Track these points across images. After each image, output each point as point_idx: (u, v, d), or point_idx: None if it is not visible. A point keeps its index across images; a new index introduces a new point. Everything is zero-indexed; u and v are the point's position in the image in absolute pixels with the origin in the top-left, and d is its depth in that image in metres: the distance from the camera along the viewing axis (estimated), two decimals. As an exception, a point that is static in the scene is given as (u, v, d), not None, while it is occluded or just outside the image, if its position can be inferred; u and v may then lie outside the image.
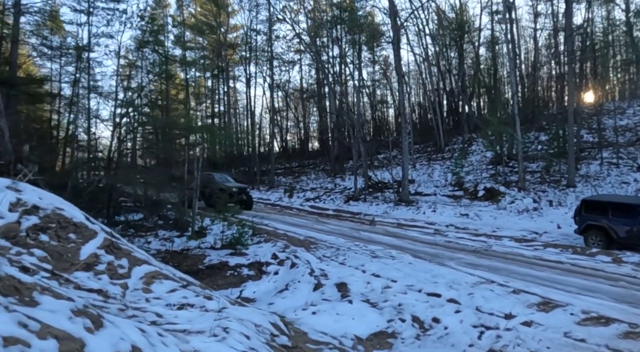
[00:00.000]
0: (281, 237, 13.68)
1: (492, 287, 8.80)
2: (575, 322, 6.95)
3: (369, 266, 10.24)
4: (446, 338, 6.59)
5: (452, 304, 7.73)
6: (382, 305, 7.79)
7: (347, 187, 27.93)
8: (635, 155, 23.99)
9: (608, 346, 6.05)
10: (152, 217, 16.01)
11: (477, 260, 11.41)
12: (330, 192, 27.12)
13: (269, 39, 32.84)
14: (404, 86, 21.32)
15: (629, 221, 12.45)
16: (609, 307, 7.71)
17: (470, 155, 31.71)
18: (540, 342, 6.17)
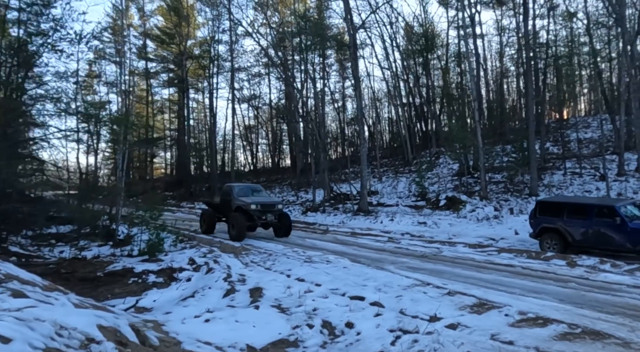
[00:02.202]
0: (214, 244, 12.54)
1: (426, 289, 7.86)
2: (508, 324, 6.02)
3: (296, 270, 9.21)
4: (356, 345, 5.55)
5: (375, 308, 6.72)
6: (293, 310, 6.72)
7: (309, 200, 26.95)
8: (598, 166, 23.72)
9: (538, 348, 5.11)
10: (83, 228, 14.66)
11: (421, 264, 10.48)
12: (290, 204, 26.07)
13: (230, 50, 32.14)
14: (361, 91, 20.74)
15: (584, 223, 11.72)
16: (552, 308, 6.82)
17: (437, 167, 31.27)
18: (461, 346, 5.18)
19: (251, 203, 14.53)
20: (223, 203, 15.71)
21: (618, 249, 11.15)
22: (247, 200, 14.77)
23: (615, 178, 21.57)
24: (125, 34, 33.13)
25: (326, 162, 24.91)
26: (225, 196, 15.72)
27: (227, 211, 15.32)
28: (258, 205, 14.53)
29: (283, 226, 14.98)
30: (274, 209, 14.98)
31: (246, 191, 16.01)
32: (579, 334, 5.62)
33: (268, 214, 14.61)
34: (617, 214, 11.07)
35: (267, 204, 14.94)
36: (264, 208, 14.64)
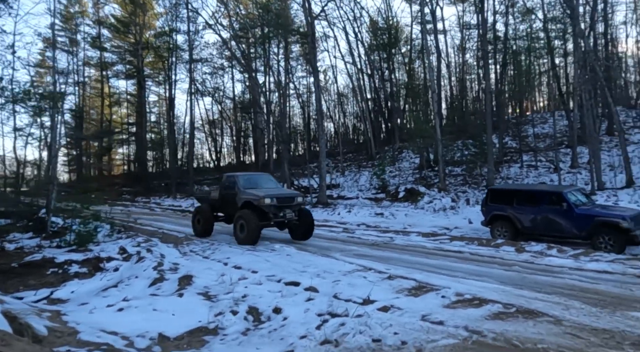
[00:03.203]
0: (157, 235, 11.92)
1: (367, 274, 7.56)
2: (443, 305, 5.77)
3: (235, 258, 8.77)
4: (280, 330, 5.15)
5: (308, 293, 6.35)
6: (221, 297, 6.28)
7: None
8: (553, 159, 24.21)
9: (467, 327, 4.85)
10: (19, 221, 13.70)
11: (370, 251, 10.24)
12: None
13: (189, 41, 31.18)
14: (319, 81, 20.37)
15: (533, 210, 11.73)
16: (491, 289, 6.62)
17: (399, 162, 31.32)
18: (389, 328, 4.87)
19: (265, 197, 11.09)
20: (224, 198, 12.46)
21: (565, 235, 11.19)
22: (258, 193, 11.40)
23: (569, 170, 22.05)
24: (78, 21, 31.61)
25: (288, 155, 24.46)
26: (227, 188, 12.43)
27: (230, 207, 12.18)
28: (274, 199, 11.19)
29: (303, 225, 11.76)
30: (293, 204, 11.67)
31: (254, 181, 12.78)
32: (513, 313, 5.41)
33: (286, 209, 11.43)
34: (565, 200, 11.11)
35: (284, 197, 11.64)
36: (281, 203, 11.35)
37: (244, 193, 11.76)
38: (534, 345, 4.34)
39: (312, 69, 20.14)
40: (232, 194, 12.13)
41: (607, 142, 25.19)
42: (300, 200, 12.02)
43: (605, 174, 19.37)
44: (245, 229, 10.94)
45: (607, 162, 21.25)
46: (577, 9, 20.09)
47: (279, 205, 11.36)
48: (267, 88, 33.71)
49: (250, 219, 10.92)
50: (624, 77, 34.62)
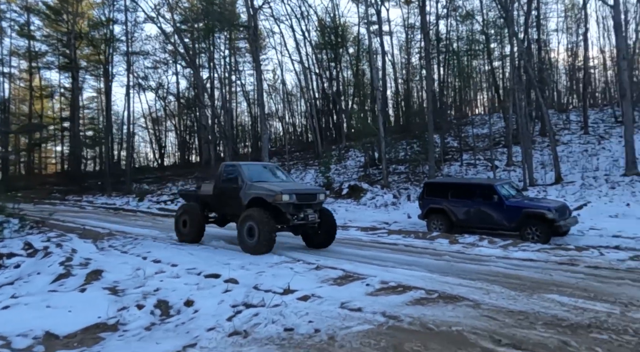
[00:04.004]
0: (77, 231, 11.05)
1: (294, 265, 7.30)
2: (366, 293, 5.57)
3: (157, 252, 8.23)
4: (188, 324, 4.73)
5: (227, 284, 5.95)
6: (130, 292, 5.75)
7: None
8: (490, 157, 25.11)
9: (385, 312, 4.67)
10: None
11: (303, 244, 9.90)
12: (190, 196, 24.61)
13: (126, 32, 29.64)
14: (261, 75, 19.93)
15: (467, 203, 11.94)
16: (417, 277, 6.54)
17: (345, 160, 31.45)
18: (304, 317, 4.59)
19: (281, 192, 8.63)
20: (223, 193, 9.78)
21: (497, 227, 11.47)
22: (273, 187, 8.87)
23: (505, 168, 22.90)
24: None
25: (231, 153, 23.81)
26: (226, 182, 9.71)
27: (229, 205, 9.67)
28: (293, 195, 8.76)
29: (325, 227, 9.42)
30: (315, 202, 9.30)
31: (262, 172, 10.21)
32: (434, 299, 5.30)
33: (307, 209, 9.08)
34: (496, 193, 11.37)
35: (305, 193, 9.22)
36: (301, 200, 8.92)
37: (251, 187, 9.08)
38: (448, 328, 4.20)
39: (255, 63, 19.69)
40: (233, 189, 9.35)
41: (540, 143, 26.42)
42: (322, 197, 9.54)
43: (537, 172, 20.25)
44: (256, 234, 8.37)
45: (539, 160, 22.25)
46: (511, 12, 20.92)
47: (298, 203, 8.86)
48: (211, 84, 32.78)
49: (264, 221, 8.33)
50: (555, 80, 36.61)
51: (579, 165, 20.07)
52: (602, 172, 18.20)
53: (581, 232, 11.61)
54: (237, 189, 9.33)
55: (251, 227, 8.55)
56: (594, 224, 12.29)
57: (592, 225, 12.27)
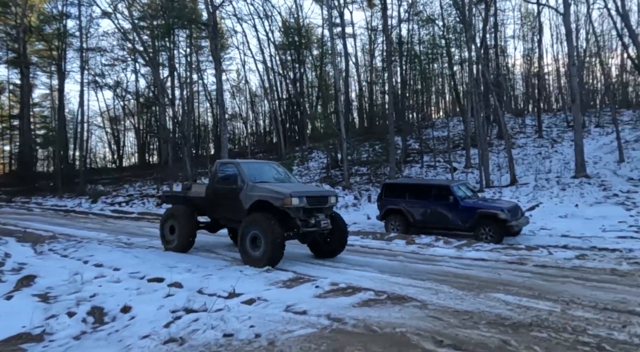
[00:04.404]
0: (16, 234, 10.40)
1: (243, 268, 7.10)
2: (314, 295, 5.45)
3: (100, 256, 7.82)
4: (122, 331, 4.45)
5: (171, 288, 5.69)
6: (63, 298, 5.39)
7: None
8: (449, 160, 25.62)
9: (330, 315, 4.55)
10: None
11: None
12: (147, 197, 23.81)
13: (80, 27, 28.37)
14: (221, 73, 19.53)
15: (423, 203, 12.05)
16: (368, 278, 6.54)
17: (309, 161, 31.36)
18: (246, 321, 4.40)
19: (291, 194, 7.51)
20: (218, 195, 8.59)
21: (452, 227, 11.61)
22: (280, 189, 7.74)
23: (463, 170, 23.39)
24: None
25: (190, 153, 23.22)
26: (222, 182, 8.50)
27: (226, 209, 8.51)
28: (303, 198, 7.67)
29: (337, 234, 8.40)
30: (326, 206, 8.25)
31: (263, 171, 8.93)
32: (382, 300, 5.23)
33: (318, 214, 8.00)
34: (451, 194, 11.51)
35: (316, 196, 8.10)
36: (312, 204, 7.84)
37: (254, 189, 7.89)
38: (392, 329, 4.12)
39: (214, 61, 19.28)
40: (231, 190, 8.17)
41: (497, 146, 27.18)
42: (333, 200, 8.43)
43: (493, 174, 20.77)
44: (262, 244, 7.25)
45: (495, 163, 22.87)
46: (469, 17, 21.43)
47: (309, 207, 7.77)
48: (171, 83, 31.96)
49: (271, 229, 7.17)
50: (512, 85, 37.83)
51: (533, 167, 20.73)
52: (554, 174, 18.85)
53: (532, 232, 11.92)
54: (236, 191, 8.08)
55: (255, 235, 7.32)
56: (545, 224, 12.66)
57: (543, 225, 12.63)
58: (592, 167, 18.67)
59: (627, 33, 18.28)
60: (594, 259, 7.98)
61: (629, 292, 5.60)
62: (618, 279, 6.38)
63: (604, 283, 6.12)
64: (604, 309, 4.83)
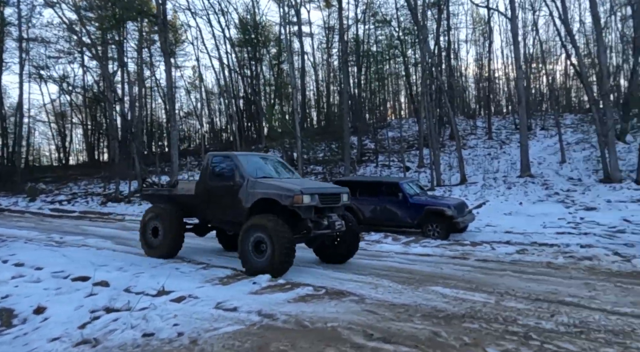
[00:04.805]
0: None
1: (181, 265, 6.77)
2: (250, 292, 5.28)
3: (22, 255, 7.29)
4: (31, 334, 4.07)
5: (95, 287, 5.32)
6: (-31, 300, 4.85)
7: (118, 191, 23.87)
8: (403, 159, 26.02)
9: (261, 311, 4.36)
10: None
11: (202, 242, 9.37)
12: (91, 195, 22.68)
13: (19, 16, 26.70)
14: (171, 67, 18.86)
15: (373, 200, 12.04)
16: (310, 274, 6.46)
17: (266, 160, 30.97)
18: (170, 320, 4.14)
19: (301, 191, 6.42)
20: (211, 193, 7.42)
21: (401, 224, 11.65)
22: (288, 185, 6.64)
23: (416, 169, 23.79)
24: None
25: (140, 150, 22.29)
26: (217, 178, 7.43)
27: (223, 209, 7.26)
28: (315, 196, 6.60)
29: (348, 237, 7.35)
30: (339, 204, 7.22)
31: (263, 166, 7.79)
32: (320, 295, 5.08)
33: (331, 214, 7.04)
34: (400, 191, 11.56)
35: (328, 193, 7.04)
36: (324, 202, 6.79)
37: (256, 185, 6.80)
38: (324, 324, 3.96)
39: (164, 55, 18.60)
40: (228, 188, 7.09)
41: (449, 146, 27.85)
42: (345, 199, 7.39)
43: (445, 173, 21.24)
44: (268, 249, 6.12)
45: (447, 162, 23.41)
46: (422, 20, 21.82)
47: (322, 206, 6.72)
48: (121, 78, 30.67)
49: (280, 232, 6.07)
50: (465, 88, 38.96)
51: (482, 167, 21.33)
52: (501, 174, 19.48)
53: (478, 228, 12.17)
54: (234, 188, 6.96)
55: (260, 240, 6.20)
56: (490, 221, 12.97)
57: (489, 222, 12.94)
58: (536, 167, 19.43)
59: (569, 40, 19.17)
60: (532, 254, 8.19)
61: (561, 283, 5.73)
62: (552, 272, 6.54)
63: (539, 276, 6.25)
64: (536, 300, 4.89)
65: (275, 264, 6.02)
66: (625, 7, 23.18)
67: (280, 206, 6.47)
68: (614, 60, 29.84)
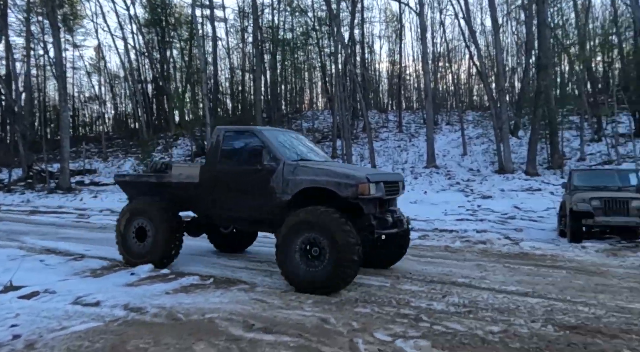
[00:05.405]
0: None
1: (47, 257, 5.94)
2: (125, 284, 4.73)
3: None
4: None
5: None
6: None
7: (2, 179, 21.18)
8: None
9: (129, 305, 3.77)
10: None
11: (87, 234, 8.58)
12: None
13: None
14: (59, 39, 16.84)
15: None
16: (201, 262, 5.76)
17: (175, 148, 29.43)
18: (9, 320, 3.42)
19: (367, 179, 4.76)
20: (225, 180, 5.47)
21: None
22: (348, 171, 5.04)
23: (330, 160, 23.87)
24: None
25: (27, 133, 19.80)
26: (235, 161, 5.53)
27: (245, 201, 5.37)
28: (380, 184, 5.00)
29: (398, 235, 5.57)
30: (398, 196, 5.84)
31: (296, 145, 5.89)
32: (207, 285, 4.61)
33: (394, 209, 5.70)
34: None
35: (391, 181, 5.45)
36: (388, 193, 5.23)
37: (297, 170, 5.05)
38: (201, 316, 3.48)
39: (51, 27, 16.47)
40: (252, 173, 5.24)
41: (362, 138, 28.40)
42: (402, 188, 5.84)
43: (357, 164, 21.54)
44: (327, 256, 4.46)
45: (359, 153, 23.80)
46: (337, 11, 21.81)
47: (386, 198, 5.19)
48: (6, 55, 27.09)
49: (345, 234, 4.44)
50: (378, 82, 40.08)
51: (392, 158, 21.97)
52: (409, 165, 20.18)
53: (385, 216, 12.36)
54: (262, 173, 5.16)
55: (313, 242, 4.55)
56: (397, 209, 13.26)
57: (395, 210, 13.22)
58: (441, 159, 20.37)
59: (472, 41, 20.29)
60: (433, 239, 8.37)
61: (455, 265, 5.79)
62: (449, 255, 6.64)
63: (436, 259, 6.30)
64: (430, 282, 4.84)
65: (339, 275, 4.38)
66: (519, 11, 25.16)
67: (341, 198, 4.78)
68: (510, 63, 32.42)
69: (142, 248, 5.53)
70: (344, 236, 4.39)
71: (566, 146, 19.40)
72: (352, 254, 4.37)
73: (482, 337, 3.11)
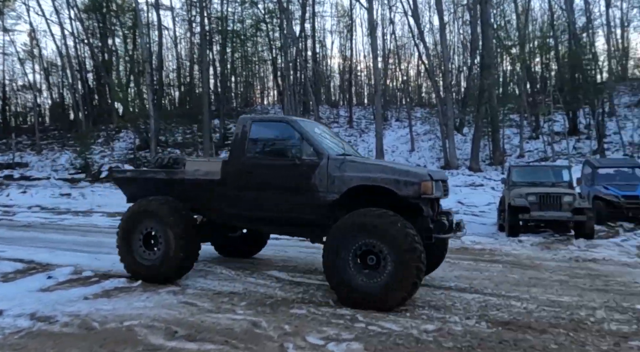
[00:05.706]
0: None
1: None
2: (39, 289, 4.31)
3: None
4: None
5: None
6: None
7: None
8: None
9: (36, 313, 3.39)
10: None
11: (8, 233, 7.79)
12: None
13: None
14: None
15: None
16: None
17: (117, 141, 28.03)
18: None
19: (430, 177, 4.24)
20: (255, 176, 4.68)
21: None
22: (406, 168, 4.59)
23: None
24: None
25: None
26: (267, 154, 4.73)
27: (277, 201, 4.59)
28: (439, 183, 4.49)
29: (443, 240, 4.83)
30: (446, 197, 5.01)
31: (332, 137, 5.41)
32: (133, 288, 4.35)
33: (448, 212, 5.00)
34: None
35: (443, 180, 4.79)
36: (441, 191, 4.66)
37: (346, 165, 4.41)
38: (119, 323, 3.18)
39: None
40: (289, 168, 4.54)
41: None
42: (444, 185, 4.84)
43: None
44: (388, 265, 3.80)
45: (309, 148, 23.70)
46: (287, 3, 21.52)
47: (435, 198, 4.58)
48: None
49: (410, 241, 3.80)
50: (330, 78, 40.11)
51: (342, 153, 22.02)
52: (359, 160, 20.30)
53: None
54: (303, 168, 4.48)
55: (370, 249, 3.91)
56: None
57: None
58: (390, 155, 20.64)
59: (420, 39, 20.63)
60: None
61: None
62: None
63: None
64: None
65: (402, 287, 3.74)
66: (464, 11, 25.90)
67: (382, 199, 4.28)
68: (457, 61, 33.37)
69: (154, 258, 4.63)
70: (408, 241, 3.79)
71: (507, 143, 20.22)
72: (417, 263, 3.78)
73: (417, 336, 3.03)
